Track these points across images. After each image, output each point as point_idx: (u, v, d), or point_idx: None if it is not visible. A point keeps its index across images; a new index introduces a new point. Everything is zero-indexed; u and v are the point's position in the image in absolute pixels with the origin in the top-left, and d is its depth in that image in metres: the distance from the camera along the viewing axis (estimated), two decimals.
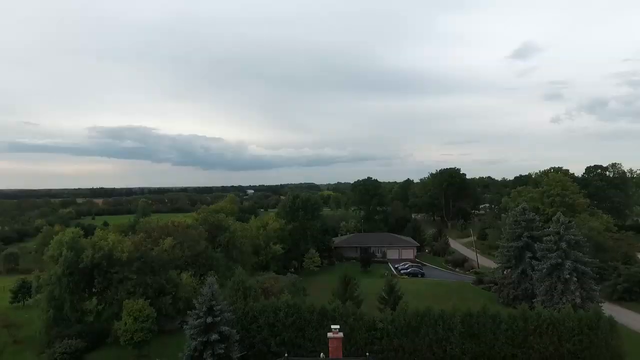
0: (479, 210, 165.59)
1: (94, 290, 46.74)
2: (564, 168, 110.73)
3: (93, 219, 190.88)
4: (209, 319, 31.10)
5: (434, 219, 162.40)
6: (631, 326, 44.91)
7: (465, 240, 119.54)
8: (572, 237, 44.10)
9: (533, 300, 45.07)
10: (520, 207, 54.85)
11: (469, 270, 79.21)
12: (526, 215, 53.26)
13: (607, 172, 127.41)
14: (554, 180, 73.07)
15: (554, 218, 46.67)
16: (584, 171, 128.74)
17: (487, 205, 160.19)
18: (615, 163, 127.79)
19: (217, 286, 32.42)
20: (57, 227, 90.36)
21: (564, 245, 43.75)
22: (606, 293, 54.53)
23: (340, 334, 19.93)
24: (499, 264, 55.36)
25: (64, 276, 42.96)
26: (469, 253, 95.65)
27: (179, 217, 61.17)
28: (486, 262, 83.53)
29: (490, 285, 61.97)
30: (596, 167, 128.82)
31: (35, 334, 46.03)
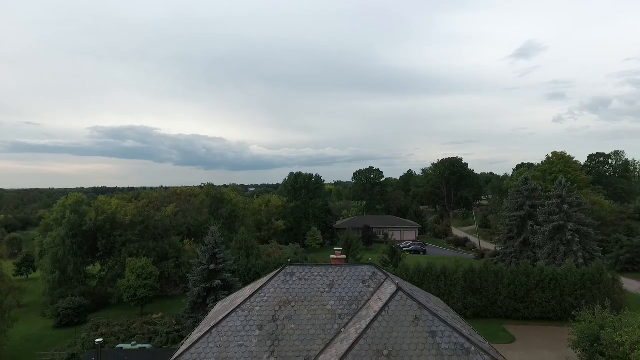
0: (481, 200, 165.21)
1: (97, 254, 47.00)
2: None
3: None
4: (212, 266, 31.26)
5: (436, 210, 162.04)
6: (633, 291, 44.86)
7: (467, 228, 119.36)
8: (575, 199, 44.05)
9: (535, 264, 44.99)
10: (522, 177, 54.72)
11: (471, 249, 79.20)
12: (528, 185, 53.15)
13: (610, 160, 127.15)
14: (556, 157, 73.05)
15: (557, 182, 46.63)
16: (587, 159, 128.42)
17: (489, 195, 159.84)
18: (618, 151, 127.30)
19: (220, 234, 32.56)
20: None
21: (566, 207, 43.71)
22: (609, 264, 54.38)
23: (343, 256, 19.98)
24: (501, 235, 55.22)
25: (68, 238, 43.21)
26: (471, 239, 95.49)
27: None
28: (489, 247, 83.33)
29: (492, 258, 61.95)
30: (599, 154, 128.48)
31: (38, 300, 46.36)
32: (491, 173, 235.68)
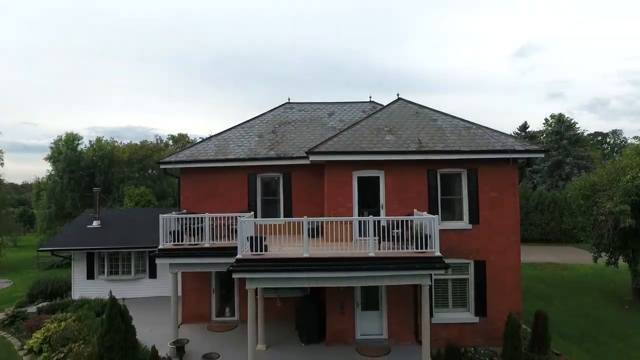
0: None
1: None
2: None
3: None
4: None
5: None
6: None
7: None
8: (573, 134, 44.06)
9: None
10: (521, 124, 54.64)
11: None
12: (527, 132, 53.10)
13: (608, 139, 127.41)
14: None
15: (555, 118, 46.64)
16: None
17: None
18: (616, 130, 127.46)
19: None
20: None
21: (564, 142, 43.71)
22: None
23: None
24: None
25: (65, 173, 42.87)
26: None
27: None
28: None
29: None
30: (597, 133, 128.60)
31: (36, 242, 46.06)
32: None
